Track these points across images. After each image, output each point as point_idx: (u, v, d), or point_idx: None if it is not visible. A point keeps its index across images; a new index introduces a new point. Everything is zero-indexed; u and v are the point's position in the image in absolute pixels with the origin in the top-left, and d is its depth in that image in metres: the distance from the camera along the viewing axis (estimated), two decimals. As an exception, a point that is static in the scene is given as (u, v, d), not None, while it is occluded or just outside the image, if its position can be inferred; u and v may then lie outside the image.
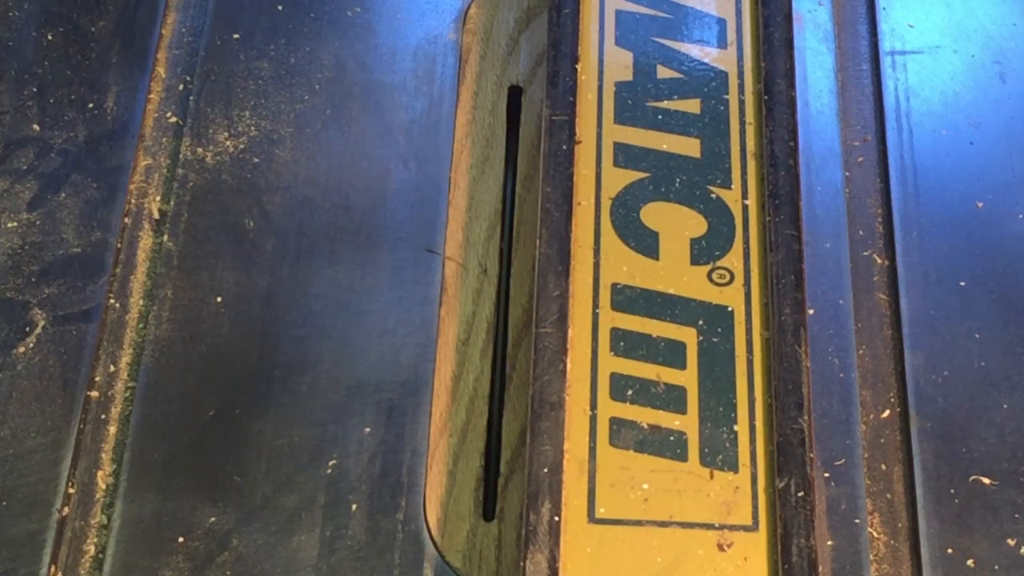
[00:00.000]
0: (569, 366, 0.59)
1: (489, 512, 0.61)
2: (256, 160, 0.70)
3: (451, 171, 0.70)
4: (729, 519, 0.56)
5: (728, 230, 0.64)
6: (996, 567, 0.58)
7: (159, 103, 0.72)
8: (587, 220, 0.64)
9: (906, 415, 0.62)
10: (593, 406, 0.59)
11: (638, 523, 0.56)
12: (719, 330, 0.61)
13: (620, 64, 0.69)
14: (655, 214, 0.64)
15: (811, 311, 0.64)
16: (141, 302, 0.65)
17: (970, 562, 0.59)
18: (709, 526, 0.56)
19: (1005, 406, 0.62)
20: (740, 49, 0.70)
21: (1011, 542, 0.59)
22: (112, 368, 0.63)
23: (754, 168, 0.66)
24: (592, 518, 0.56)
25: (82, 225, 0.67)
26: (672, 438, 0.58)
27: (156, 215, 0.68)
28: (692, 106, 0.68)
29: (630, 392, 0.59)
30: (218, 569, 0.58)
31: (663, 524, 0.56)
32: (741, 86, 0.69)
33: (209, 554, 0.58)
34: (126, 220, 0.68)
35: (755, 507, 0.57)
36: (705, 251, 0.63)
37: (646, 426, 0.58)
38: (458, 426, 0.63)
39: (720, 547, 0.56)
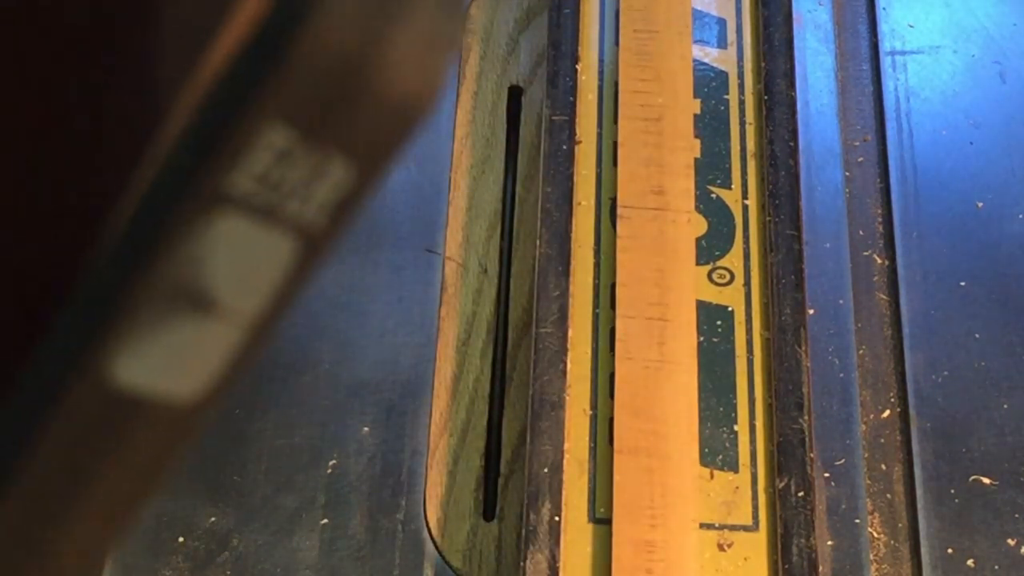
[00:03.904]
0: (569, 366, 0.59)
1: (489, 512, 0.61)
2: (256, 160, 0.70)
3: (451, 171, 0.70)
4: (729, 519, 0.56)
5: (728, 230, 0.64)
6: (996, 567, 0.58)
7: (159, 103, 0.72)
8: (587, 220, 0.64)
9: (906, 415, 0.62)
10: (593, 406, 0.59)
11: (638, 523, 0.56)
12: (719, 330, 0.61)
13: (620, 64, 0.69)
14: (655, 214, 0.64)
15: (811, 311, 0.64)
16: (141, 302, 0.65)
17: (970, 562, 0.58)
18: (709, 526, 0.56)
19: (1005, 406, 0.62)
20: (740, 49, 0.70)
21: (1011, 542, 0.59)
22: (112, 368, 0.63)
23: (754, 168, 0.66)
24: (592, 518, 0.56)
25: (82, 225, 0.67)
26: (672, 438, 0.58)
27: (156, 215, 0.68)
28: (692, 106, 0.68)
29: (630, 392, 0.59)
30: (218, 569, 0.58)
31: (663, 524, 0.56)
32: (741, 86, 0.68)
33: (209, 554, 0.58)
34: (126, 220, 0.68)
35: (755, 507, 0.57)
36: (705, 251, 0.63)
37: (646, 426, 0.58)
38: (458, 426, 0.63)
39: (720, 547, 0.56)
